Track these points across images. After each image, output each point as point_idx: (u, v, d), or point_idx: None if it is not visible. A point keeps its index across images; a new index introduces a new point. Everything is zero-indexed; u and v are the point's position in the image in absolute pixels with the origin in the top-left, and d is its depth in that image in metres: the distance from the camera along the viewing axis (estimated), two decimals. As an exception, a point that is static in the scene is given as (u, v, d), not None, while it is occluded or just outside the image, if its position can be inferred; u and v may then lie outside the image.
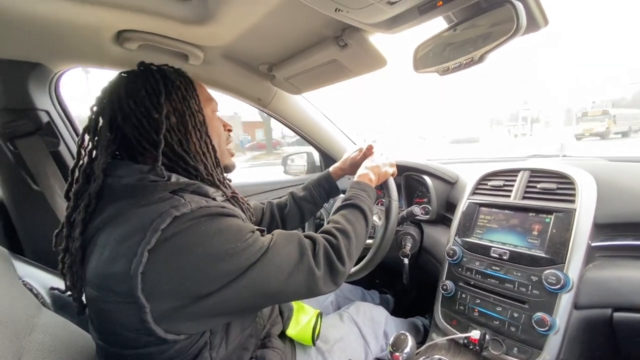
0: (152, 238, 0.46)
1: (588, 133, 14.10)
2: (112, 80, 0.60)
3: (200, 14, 0.76)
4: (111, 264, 0.48)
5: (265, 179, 1.64)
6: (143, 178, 0.53)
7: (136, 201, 0.51)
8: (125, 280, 0.46)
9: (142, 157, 0.58)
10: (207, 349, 0.55)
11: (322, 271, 0.60)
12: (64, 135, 1.02)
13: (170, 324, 0.49)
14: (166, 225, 0.47)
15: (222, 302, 0.50)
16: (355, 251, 0.68)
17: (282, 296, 0.57)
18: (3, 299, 0.56)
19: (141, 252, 0.45)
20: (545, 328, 0.71)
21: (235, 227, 0.54)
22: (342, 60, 0.93)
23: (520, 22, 0.59)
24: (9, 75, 0.88)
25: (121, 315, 0.48)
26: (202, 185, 0.59)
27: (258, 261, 0.53)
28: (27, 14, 0.71)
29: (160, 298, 0.47)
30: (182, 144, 0.59)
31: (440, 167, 1.19)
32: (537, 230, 0.81)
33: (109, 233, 0.50)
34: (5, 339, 0.49)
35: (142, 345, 0.50)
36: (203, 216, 0.51)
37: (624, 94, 18.44)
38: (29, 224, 1.00)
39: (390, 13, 0.66)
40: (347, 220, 0.71)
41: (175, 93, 0.60)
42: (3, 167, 0.96)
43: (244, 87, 1.24)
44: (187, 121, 0.60)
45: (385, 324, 0.99)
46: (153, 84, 0.58)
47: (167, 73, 0.61)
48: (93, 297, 0.52)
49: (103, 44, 0.87)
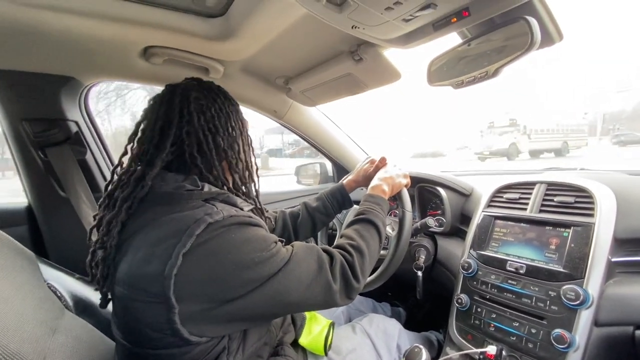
0: (188, 242, 0.49)
1: (488, 151, 10.47)
2: (170, 95, 0.62)
3: (223, 30, 0.80)
4: (145, 264, 0.50)
5: (279, 188, 1.66)
6: (180, 187, 0.57)
7: (172, 208, 0.54)
8: (158, 281, 0.48)
9: (175, 166, 0.61)
10: (224, 354, 0.57)
11: (339, 285, 0.62)
12: (90, 145, 1.07)
13: (195, 326, 0.51)
14: (201, 231, 0.50)
15: (244, 307, 0.53)
16: (368, 267, 0.70)
17: (300, 306, 0.60)
18: (30, 300, 0.59)
19: (176, 255, 0.48)
20: (564, 345, 0.69)
21: (261, 237, 0.56)
22: (357, 74, 0.96)
23: (535, 37, 0.60)
24: (43, 87, 0.94)
25: (149, 314, 0.50)
26: (231, 195, 0.62)
27: (280, 271, 0.55)
28: (61, 30, 0.76)
29: (189, 300, 0.49)
30: (230, 162, 0.64)
31: (454, 179, 1.18)
32: (554, 244, 0.80)
33: (144, 235, 0.53)
34: (31, 338, 0.52)
35: (164, 345, 0.52)
36: (233, 224, 0.53)
37: (624, 106, 17.65)
38: (55, 229, 1.05)
39: (405, 29, 0.68)
40: (361, 236, 0.72)
41: (235, 114, 0.66)
42: (33, 174, 1.02)
43: (261, 99, 1.28)
44: (241, 141, 0.66)
45: (398, 337, 0.98)
46: (220, 105, 0.63)
47: (227, 95, 0.67)
48: (122, 296, 0.53)
49: (130, 59, 0.92)
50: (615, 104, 17.99)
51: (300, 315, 0.85)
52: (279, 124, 1.47)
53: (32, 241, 1.04)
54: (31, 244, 1.04)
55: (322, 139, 1.54)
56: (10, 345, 0.46)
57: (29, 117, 0.95)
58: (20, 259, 0.67)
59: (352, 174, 1.05)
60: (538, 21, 0.61)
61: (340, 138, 1.57)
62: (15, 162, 1.01)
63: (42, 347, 0.53)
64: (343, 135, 1.58)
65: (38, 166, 1.00)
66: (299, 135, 1.51)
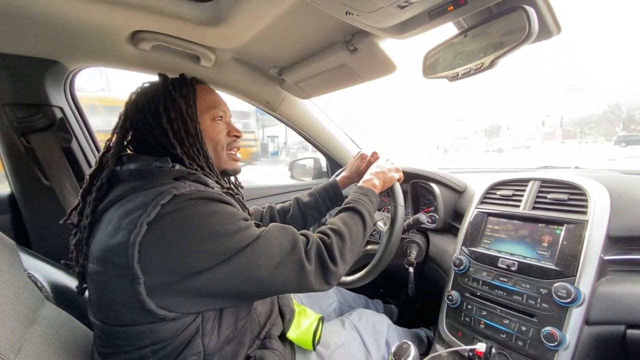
0: (153, 212, 0.50)
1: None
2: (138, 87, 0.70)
3: (214, 15, 0.78)
4: (113, 236, 0.51)
5: (272, 182, 1.64)
6: (149, 164, 0.59)
7: (142, 185, 0.56)
8: (124, 250, 0.49)
9: (147, 150, 0.65)
10: (199, 335, 0.56)
11: (314, 266, 0.60)
12: (76, 132, 1.04)
13: (162, 299, 0.51)
14: (166, 201, 0.51)
15: (211, 282, 0.52)
16: (349, 253, 0.67)
17: (272, 285, 0.57)
18: (7, 290, 0.56)
19: (141, 224, 0.49)
20: (554, 343, 0.68)
21: (229, 211, 0.56)
22: (351, 64, 0.94)
23: (532, 28, 0.59)
24: (26, 71, 0.90)
25: (118, 287, 0.51)
26: (202, 176, 0.63)
27: (249, 246, 0.54)
28: (45, 11, 0.73)
29: (154, 271, 0.50)
30: (182, 147, 0.65)
31: (447, 175, 1.17)
32: (547, 241, 0.79)
33: (114, 211, 0.55)
34: (6, 328, 0.49)
35: (133, 321, 0.52)
36: (200, 198, 0.54)
37: (594, 110, 18.74)
38: (38, 218, 1.02)
39: (401, 17, 0.66)
40: (344, 222, 0.70)
41: (173, 102, 0.66)
42: (15, 161, 0.98)
43: (254, 90, 1.26)
44: (180, 128, 0.65)
45: (387, 333, 0.97)
46: (159, 93, 0.66)
47: (173, 84, 0.68)
48: (93, 272, 0.55)
49: (118, 44, 0.89)
50: (584, 107, 19.11)
51: (289, 308, 0.84)
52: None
53: (14, 230, 1.01)
54: (13, 233, 1.01)
55: (316, 133, 1.52)
56: None
57: (11, 102, 0.92)
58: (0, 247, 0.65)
59: (345, 171, 1.03)
60: (536, 12, 0.59)
61: (335, 132, 1.55)
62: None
63: (17, 338, 0.50)
64: (337, 129, 1.56)
65: (21, 153, 0.96)
66: (292, 128, 1.49)
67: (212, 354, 0.58)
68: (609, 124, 21.69)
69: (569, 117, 16.32)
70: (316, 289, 0.61)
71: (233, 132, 0.75)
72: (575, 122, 15.78)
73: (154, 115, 0.64)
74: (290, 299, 0.89)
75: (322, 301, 1.08)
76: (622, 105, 33.00)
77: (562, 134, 14.60)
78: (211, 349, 0.58)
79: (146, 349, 0.53)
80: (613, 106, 32.72)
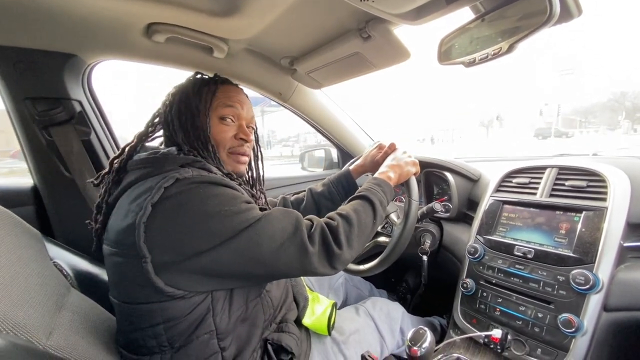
0: (157, 195, 0.53)
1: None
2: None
3: (227, 6, 0.78)
4: (124, 219, 0.55)
5: (284, 173, 1.65)
6: (155, 152, 0.63)
7: (150, 171, 0.59)
8: (131, 231, 0.52)
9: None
10: (210, 315, 0.58)
11: (317, 249, 0.60)
12: (94, 125, 1.06)
13: (170, 277, 0.53)
14: (169, 184, 0.54)
15: (215, 262, 0.54)
16: (356, 239, 0.66)
17: (275, 267, 0.57)
18: (36, 277, 0.59)
19: (145, 206, 0.52)
20: (571, 329, 0.68)
21: (230, 194, 0.58)
22: (364, 52, 0.93)
23: (554, 10, 0.57)
24: (45, 65, 0.92)
25: (129, 268, 0.54)
26: (207, 164, 0.64)
27: (250, 226, 0.55)
28: (62, 5, 0.75)
29: (160, 250, 0.52)
30: (187, 138, 0.68)
31: (462, 164, 1.16)
32: (564, 229, 0.78)
33: (126, 196, 0.59)
34: (37, 314, 0.52)
35: (145, 299, 0.55)
36: (203, 182, 0.57)
37: (600, 98, 18.21)
38: (60, 209, 1.05)
39: (417, 2, 0.65)
40: (354, 209, 0.70)
41: (188, 96, 0.70)
42: (37, 154, 1.01)
43: (266, 81, 1.26)
44: (188, 120, 0.68)
45: (401, 321, 0.98)
46: (182, 87, 0.72)
47: (197, 80, 0.73)
48: (109, 253, 0.58)
49: (133, 36, 0.90)
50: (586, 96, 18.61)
51: (303, 295, 0.85)
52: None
53: (38, 221, 1.05)
54: (37, 224, 1.04)
55: (328, 124, 1.52)
56: (18, 319, 0.47)
57: (32, 96, 0.94)
58: (27, 237, 0.67)
59: (359, 159, 1.03)
60: (557, -8, 0.58)
61: (347, 123, 1.55)
62: (20, 142, 1.01)
63: (48, 323, 0.53)
64: (349, 120, 1.55)
65: (42, 146, 0.99)
66: (303, 119, 1.49)
67: (225, 332, 0.60)
68: (612, 112, 20.94)
69: (572, 106, 15.94)
70: (320, 272, 0.61)
71: (240, 135, 0.73)
72: (579, 110, 15.34)
73: (170, 106, 0.69)
74: (303, 286, 0.90)
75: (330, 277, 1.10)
76: (627, 94, 32.00)
77: (564, 123, 14.16)
78: (223, 328, 0.59)
79: (159, 326, 0.56)
80: (617, 94, 31.77)
